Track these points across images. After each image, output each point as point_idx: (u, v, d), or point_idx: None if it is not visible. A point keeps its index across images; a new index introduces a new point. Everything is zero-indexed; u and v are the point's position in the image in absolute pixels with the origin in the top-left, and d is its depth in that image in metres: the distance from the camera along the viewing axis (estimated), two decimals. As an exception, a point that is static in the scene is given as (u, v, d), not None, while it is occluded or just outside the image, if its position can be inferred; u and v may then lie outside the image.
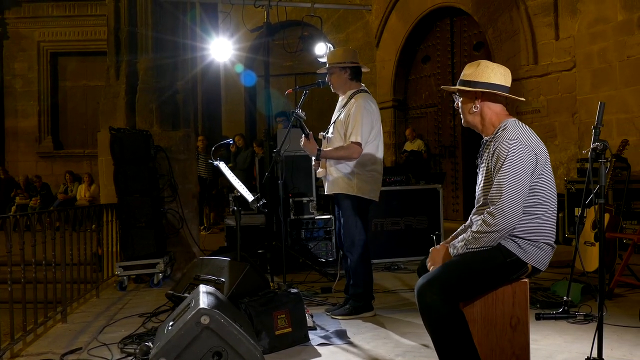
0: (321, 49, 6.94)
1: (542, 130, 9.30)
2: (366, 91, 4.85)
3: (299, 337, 4.06)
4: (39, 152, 15.72)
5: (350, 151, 4.60)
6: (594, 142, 3.22)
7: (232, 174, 5.14)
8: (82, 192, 13.57)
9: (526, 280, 3.06)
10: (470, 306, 3.01)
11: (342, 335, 4.23)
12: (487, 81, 3.05)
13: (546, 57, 9.50)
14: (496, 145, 2.96)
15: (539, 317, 4.46)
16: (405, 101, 13.30)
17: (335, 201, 4.91)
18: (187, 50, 7.34)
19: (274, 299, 4.06)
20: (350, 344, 4.08)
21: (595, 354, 3.12)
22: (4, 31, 15.69)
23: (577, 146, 9.03)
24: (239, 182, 5.09)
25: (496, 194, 2.88)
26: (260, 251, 6.52)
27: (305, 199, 7.34)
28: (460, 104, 3.19)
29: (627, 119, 8.28)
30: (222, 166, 5.21)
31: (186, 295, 4.27)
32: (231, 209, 6.85)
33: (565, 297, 4.63)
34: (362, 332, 4.35)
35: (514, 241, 2.95)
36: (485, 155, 3.08)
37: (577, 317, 4.44)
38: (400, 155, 12.07)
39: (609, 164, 5.36)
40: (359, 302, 4.74)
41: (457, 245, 3.00)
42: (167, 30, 7.07)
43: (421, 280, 2.95)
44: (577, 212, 7.53)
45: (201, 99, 13.80)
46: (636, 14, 8.08)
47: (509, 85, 3.10)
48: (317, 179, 7.61)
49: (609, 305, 4.73)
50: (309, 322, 4.28)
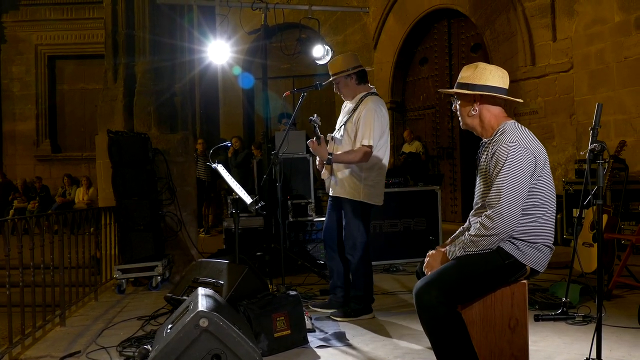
0: (319, 51, 6.94)
1: (539, 131, 9.31)
2: (376, 93, 4.87)
3: (298, 339, 4.05)
4: (36, 155, 15.71)
5: (360, 154, 4.59)
6: (591, 143, 3.22)
7: (230, 177, 5.14)
8: (80, 196, 13.55)
9: (525, 281, 3.06)
10: (469, 308, 3.02)
11: (341, 337, 4.23)
12: (485, 84, 3.05)
13: (544, 58, 9.52)
14: (495, 148, 2.96)
15: (537, 319, 4.46)
16: (403, 103, 13.31)
17: (335, 202, 4.90)
18: (185, 52, 7.34)
19: (273, 302, 4.06)
20: (349, 346, 4.07)
21: (594, 355, 3.12)
22: (1, 34, 15.70)
23: (575, 147, 9.03)
24: (237, 184, 5.09)
25: (495, 198, 2.88)
26: (258, 253, 6.51)
27: (303, 201, 7.33)
28: (458, 107, 3.18)
29: (625, 120, 8.29)
30: (220, 169, 5.21)
31: (185, 298, 4.26)
32: (229, 212, 6.85)
33: (564, 298, 4.63)
34: (361, 334, 4.35)
35: (512, 243, 2.95)
36: (483, 157, 3.08)
37: (576, 318, 4.44)
38: (398, 157, 12.08)
39: (606, 165, 5.36)
40: (359, 305, 4.74)
41: (454, 248, 2.99)
42: (164, 33, 7.07)
43: (419, 282, 2.95)
44: (576, 213, 7.54)
45: (199, 102, 13.79)
46: (633, 15, 8.10)
47: (507, 87, 3.10)
48: (316, 181, 7.63)
49: (608, 306, 4.73)
50: (308, 325, 4.28)
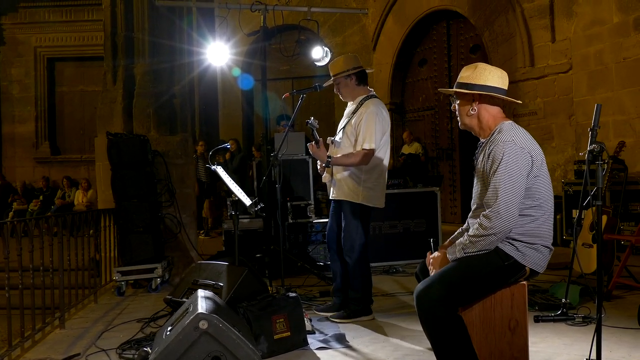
0: (318, 53, 6.94)
1: (539, 132, 9.32)
2: (376, 96, 4.86)
3: (298, 341, 4.05)
4: (36, 157, 15.71)
5: (361, 157, 4.59)
6: (591, 144, 3.22)
7: (229, 179, 5.14)
8: (79, 198, 13.56)
9: (524, 282, 3.06)
10: (469, 309, 3.02)
11: (340, 339, 4.23)
12: (484, 84, 3.06)
13: (542, 59, 9.52)
14: (491, 147, 2.96)
15: (537, 320, 4.46)
16: (402, 104, 13.32)
17: (336, 205, 4.91)
18: (184, 54, 7.34)
19: (273, 303, 4.06)
20: (349, 347, 4.07)
21: (594, 356, 3.12)
22: (0, 37, 15.69)
23: (574, 148, 9.04)
24: (237, 186, 5.09)
25: (492, 197, 2.88)
26: (258, 255, 6.51)
27: (303, 203, 7.33)
28: (457, 107, 3.19)
29: (624, 121, 8.29)
30: (219, 171, 5.21)
31: (184, 300, 4.26)
32: (229, 213, 6.85)
33: (563, 299, 4.63)
34: (360, 335, 4.35)
35: (511, 244, 2.95)
36: (480, 157, 3.08)
37: (576, 319, 4.44)
38: (397, 158, 12.09)
39: (606, 165, 5.37)
40: (358, 306, 4.74)
41: (454, 249, 3.00)
42: (163, 34, 7.07)
43: (420, 285, 2.95)
44: (575, 214, 7.54)
45: (198, 104, 13.79)
46: (632, 16, 8.10)
47: (506, 87, 3.11)
48: (315, 183, 7.62)
49: (608, 307, 4.73)
50: (308, 326, 4.28)
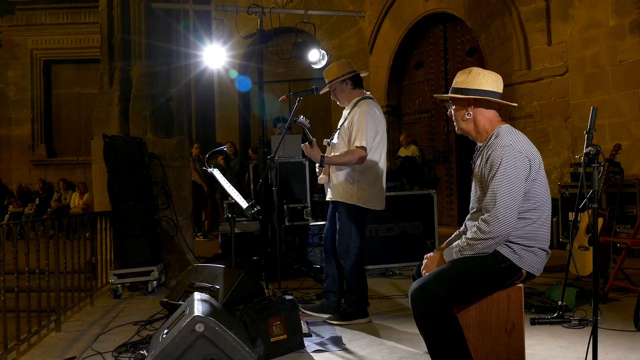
0: (315, 56, 6.94)
1: (535, 135, 9.33)
2: (371, 98, 4.87)
3: (295, 343, 4.05)
4: (32, 160, 15.67)
5: (354, 156, 4.57)
6: (587, 147, 3.22)
7: (226, 181, 5.13)
8: (75, 200, 13.53)
9: (521, 285, 3.06)
10: (465, 311, 3.02)
11: (337, 341, 4.23)
12: (479, 88, 3.07)
13: (539, 62, 9.55)
14: (489, 152, 2.97)
15: (534, 322, 4.46)
16: (399, 107, 13.33)
17: (332, 206, 4.91)
18: (181, 57, 7.34)
19: (269, 306, 4.05)
20: (345, 350, 4.07)
21: (590, 358, 3.12)
22: (-4, 39, 15.70)
23: (571, 151, 9.06)
24: (233, 189, 5.08)
25: (490, 201, 2.89)
26: (255, 258, 6.50)
27: (299, 206, 7.33)
28: (453, 112, 3.20)
29: (620, 124, 8.32)
30: (216, 173, 5.20)
31: (181, 302, 4.25)
32: (225, 216, 6.84)
33: (560, 302, 4.64)
34: (357, 338, 4.34)
35: (508, 247, 2.95)
36: (478, 162, 3.09)
37: (572, 322, 4.44)
38: (394, 161, 12.09)
39: (602, 168, 5.39)
40: (353, 309, 4.74)
41: (451, 251, 3.00)
42: (160, 37, 7.07)
43: (415, 284, 2.95)
44: (571, 216, 7.55)
45: (195, 106, 13.79)
46: (627, 19, 8.13)
47: (501, 91, 3.12)
48: (312, 185, 7.63)
49: (604, 309, 4.74)
50: (304, 329, 4.28)
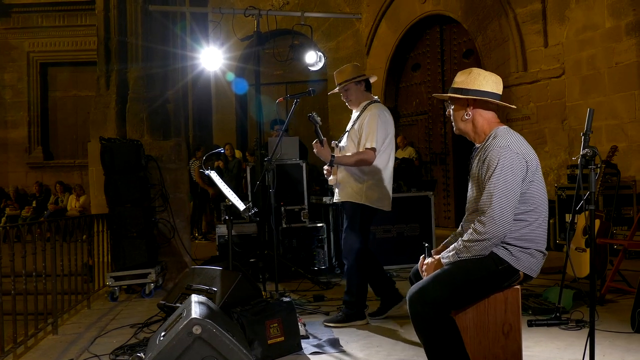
0: (312, 58, 6.94)
1: (532, 136, 9.35)
2: (379, 101, 4.90)
3: (292, 346, 4.05)
4: (28, 162, 15.63)
5: (364, 156, 4.61)
6: (583, 149, 3.23)
7: (223, 183, 5.14)
8: (72, 203, 13.52)
9: (518, 287, 3.07)
10: (462, 313, 3.02)
11: (334, 343, 4.23)
12: (478, 88, 3.07)
13: (535, 64, 9.57)
14: (486, 153, 2.97)
15: (531, 324, 4.47)
16: (396, 109, 13.34)
17: (341, 207, 4.90)
18: (178, 59, 7.33)
19: (267, 308, 4.05)
20: (342, 352, 4.07)
21: (587, 360, 3.13)
22: (-7, 42, 15.66)
23: (567, 152, 9.08)
24: (231, 191, 5.09)
25: (487, 202, 2.89)
26: (252, 260, 6.50)
27: (297, 208, 7.33)
28: (452, 112, 3.20)
29: (616, 125, 8.33)
30: (213, 175, 5.20)
31: (178, 305, 4.25)
32: (223, 218, 6.84)
33: (557, 304, 4.64)
34: (354, 340, 4.34)
35: (505, 248, 2.95)
36: (475, 162, 3.09)
37: (569, 324, 4.45)
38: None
39: (598, 170, 5.40)
40: (351, 310, 4.74)
41: (448, 254, 3.00)
42: (157, 39, 7.06)
43: (413, 288, 2.95)
44: (568, 218, 7.57)
45: (192, 108, 13.78)
46: (624, 21, 8.15)
47: (501, 92, 3.12)
48: (309, 187, 7.62)
49: (601, 311, 4.74)
50: (302, 331, 4.27)
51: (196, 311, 3.26)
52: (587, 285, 4.03)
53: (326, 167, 4.85)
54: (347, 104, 4.97)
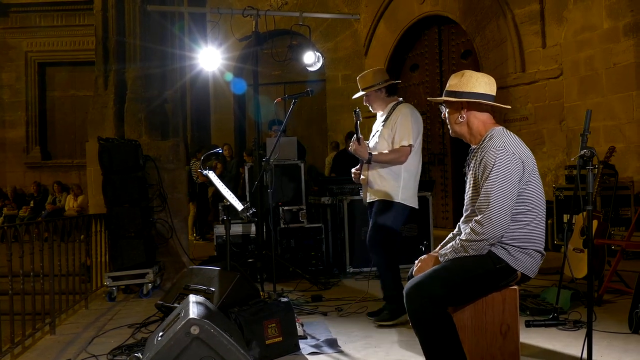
0: (310, 58, 6.95)
1: (530, 137, 9.35)
2: (404, 102, 4.93)
3: (290, 346, 4.05)
4: (26, 162, 15.63)
5: (400, 154, 4.64)
6: (581, 149, 3.24)
7: (221, 183, 5.14)
8: (70, 203, 13.50)
9: (516, 287, 3.07)
10: (460, 313, 3.02)
11: (332, 344, 4.22)
12: (472, 91, 3.08)
13: (533, 65, 9.57)
14: (483, 154, 2.98)
15: (528, 324, 4.47)
16: (394, 109, 13.33)
17: (371, 206, 4.88)
18: (176, 59, 7.33)
19: (265, 308, 4.05)
20: (341, 352, 4.07)
21: (585, 361, 3.13)
22: (-9, 41, 15.65)
23: (565, 153, 9.08)
24: (229, 191, 5.09)
25: (484, 203, 2.90)
26: (250, 260, 6.50)
27: (295, 208, 7.33)
28: (447, 115, 3.22)
29: (614, 126, 8.34)
30: (211, 175, 5.20)
31: (176, 305, 4.25)
32: (221, 219, 6.84)
33: (555, 304, 4.64)
34: (352, 340, 4.34)
35: (503, 248, 2.96)
36: (472, 163, 3.11)
37: (567, 324, 4.45)
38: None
39: (596, 170, 5.41)
40: (396, 304, 4.68)
41: (446, 252, 3.01)
42: (155, 39, 7.06)
43: (410, 283, 2.97)
44: (566, 218, 7.57)
45: (190, 108, 13.76)
46: (621, 22, 8.16)
47: (494, 93, 3.13)
48: (307, 187, 7.62)
49: (598, 311, 4.75)
50: (300, 331, 4.28)
51: (194, 311, 3.26)
52: (585, 285, 4.03)
53: (355, 169, 4.88)
54: (370, 108, 4.97)
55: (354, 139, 4.70)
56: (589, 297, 3.18)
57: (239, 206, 4.91)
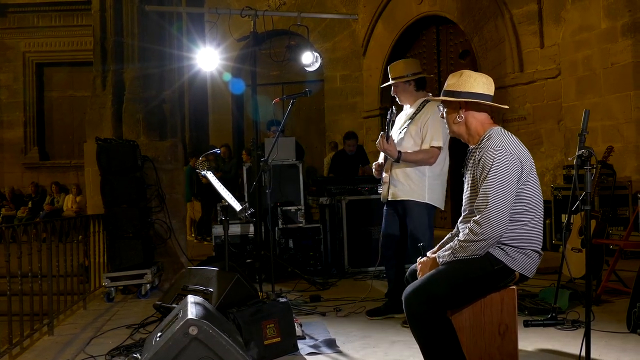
0: (308, 58, 6.95)
1: (528, 137, 9.36)
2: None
3: (288, 346, 4.04)
4: (24, 163, 15.62)
5: (430, 154, 4.62)
6: (579, 149, 3.24)
7: (219, 184, 5.13)
8: (68, 203, 13.49)
9: (514, 287, 3.07)
10: (458, 313, 3.02)
11: (331, 344, 4.22)
12: (470, 91, 3.08)
13: (531, 65, 9.58)
14: (481, 154, 2.98)
15: (527, 324, 4.47)
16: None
17: (395, 206, 4.85)
18: (174, 60, 7.33)
19: (263, 309, 4.05)
20: (339, 352, 4.07)
21: (583, 360, 3.14)
22: (-12, 42, 15.63)
23: (563, 153, 9.09)
24: (227, 191, 5.08)
25: (482, 203, 2.90)
26: (248, 260, 6.49)
27: (293, 208, 7.33)
28: (445, 115, 3.22)
29: (612, 126, 8.35)
30: (209, 176, 5.20)
31: (174, 305, 4.25)
32: (219, 219, 6.84)
33: (553, 304, 4.65)
34: (351, 340, 4.34)
35: (501, 249, 2.96)
36: (470, 163, 3.11)
37: (565, 324, 4.46)
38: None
39: (594, 170, 5.41)
40: (392, 301, 4.69)
41: (444, 254, 3.01)
42: (153, 40, 7.05)
43: (409, 288, 2.96)
44: (564, 218, 7.58)
45: (188, 109, 13.77)
46: (619, 22, 8.16)
47: (492, 93, 3.13)
48: (305, 188, 7.62)
49: (597, 311, 4.75)
50: (298, 332, 4.27)
51: (192, 312, 3.25)
52: (583, 285, 4.04)
53: (377, 164, 4.85)
54: (397, 99, 4.93)
55: (382, 134, 4.66)
56: (587, 297, 3.19)
57: (238, 206, 4.91)
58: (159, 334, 3.39)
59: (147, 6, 6.96)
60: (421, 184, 4.67)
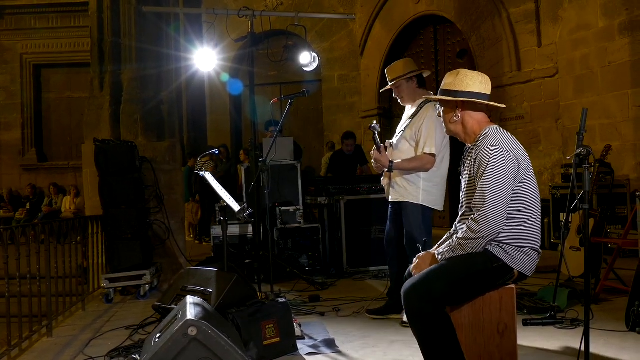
0: (306, 58, 6.95)
1: (526, 136, 9.37)
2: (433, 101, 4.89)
3: (288, 346, 4.04)
4: (22, 164, 15.60)
5: (423, 162, 4.60)
6: (577, 148, 3.24)
7: (218, 184, 5.13)
8: (67, 205, 13.48)
9: (513, 286, 3.08)
10: (457, 312, 3.03)
11: (330, 344, 4.22)
12: (466, 90, 3.09)
13: (529, 64, 9.59)
14: (478, 152, 2.99)
15: (526, 323, 4.47)
16: (390, 109, 13.34)
17: (395, 207, 4.87)
18: (171, 60, 7.32)
19: (262, 309, 4.05)
20: (338, 352, 4.07)
21: (582, 359, 3.14)
22: (-14, 44, 15.61)
23: (561, 152, 9.10)
24: (225, 192, 5.08)
25: (479, 201, 2.91)
26: (247, 261, 6.49)
27: (292, 208, 7.33)
28: (442, 114, 3.23)
29: (610, 125, 8.36)
30: (207, 176, 5.20)
31: (173, 306, 4.24)
32: (218, 219, 6.84)
33: (552, 303, 4.65)
34: (350, 340, 4.34)
35: (500, 247, 2.97)
36: (467, 162, 3.12)
37: (564, 323, 4.46)
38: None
39: (592, 169, 5.41)
40: (392, 300, 4.70)
41: (442, 251, 3.02)
42: (150, 41, 7.05)
43: (407, 283, 2.97)
44: (562, 217, 7.59)
45: (186, 109, 13.77)
46: (616, 20, 8.18)
47: (489, 93, 3.13)
48: (304, 188, 7.62)
49: (596, 309, 4.75)
50: (297, 332, 4.27)
51: (191, 312, 3.25)
52: (582, 284, 4.04)
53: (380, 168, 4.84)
54: (399, 101, 4.93)
55: (374, 148, 4.67)
56: (586, 296, 3.19)
57: (236, 207, 4.91)
58: (158, 335, 3.39)
59: (144, 7, 6.96)
60: (416, 187, 4.68)
